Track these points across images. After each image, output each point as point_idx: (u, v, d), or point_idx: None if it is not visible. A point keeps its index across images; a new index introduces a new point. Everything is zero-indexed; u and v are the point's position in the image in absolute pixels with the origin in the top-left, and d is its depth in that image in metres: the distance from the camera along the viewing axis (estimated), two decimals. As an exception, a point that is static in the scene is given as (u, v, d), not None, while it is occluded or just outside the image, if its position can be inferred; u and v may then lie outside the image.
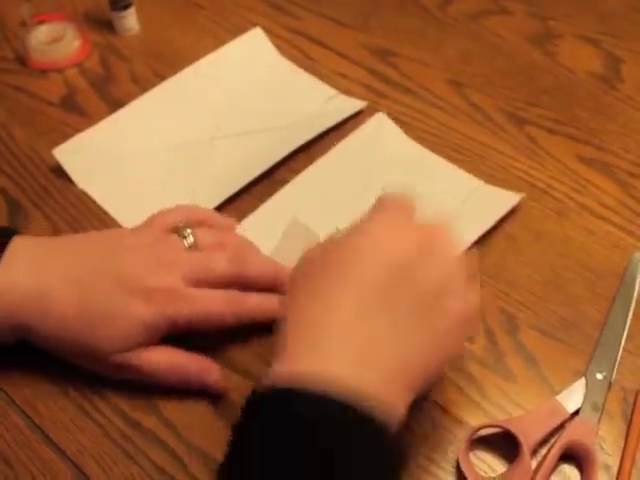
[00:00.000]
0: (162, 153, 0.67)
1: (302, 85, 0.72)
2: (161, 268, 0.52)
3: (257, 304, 0.54)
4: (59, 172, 0.65)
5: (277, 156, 0.65)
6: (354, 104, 0.70)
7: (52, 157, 0.66)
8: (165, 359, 0.52)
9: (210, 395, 0.52)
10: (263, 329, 0.54)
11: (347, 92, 0.71)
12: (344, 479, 0.39)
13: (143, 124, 0.69)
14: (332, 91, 0.72)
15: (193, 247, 0.54)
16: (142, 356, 0.51)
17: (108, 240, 0.55)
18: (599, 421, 0.50)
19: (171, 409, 0.52)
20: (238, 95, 0.72)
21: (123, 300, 0.51)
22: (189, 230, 0.54)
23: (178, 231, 0.54)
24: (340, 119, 0.68)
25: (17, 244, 0.53)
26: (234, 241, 0.57)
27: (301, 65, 0.74)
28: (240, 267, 0.54)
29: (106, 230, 0.59)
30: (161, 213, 0.57)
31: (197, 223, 0.56)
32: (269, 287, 0.55)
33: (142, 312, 0.51)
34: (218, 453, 0.50)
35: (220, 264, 0.54)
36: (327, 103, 0.71)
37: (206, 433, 0.51)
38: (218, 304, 0.52)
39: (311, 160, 0.66)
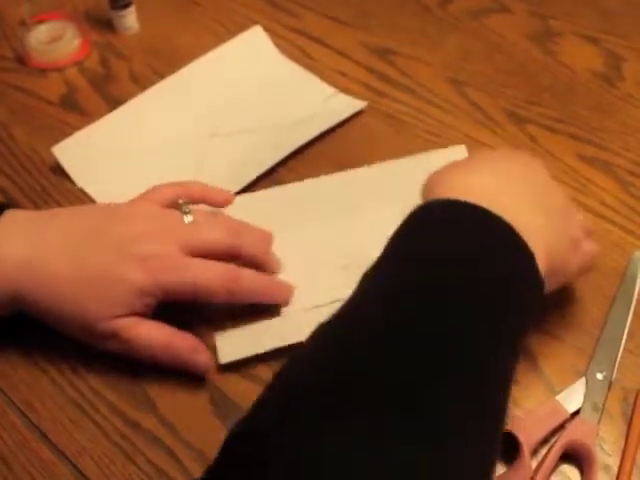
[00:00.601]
0: (161, 151, 0.67)
1: (301, 83, 0.72)
2: (158, 236, 0.52)
3: (251, 281, 0.54)
4: (58, 171, 0.65)
5: (278, 156, 0.65)
6: (354, 104, 0.70)
7: (51, 156, 0.66)
8: (156, 335, 0.52)
9: (207, 393, 0.52)
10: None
11: (346, 91, 0.71)
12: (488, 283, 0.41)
13: (142, 122, 0.69)
14: (331, 89, 0.71)
15: (192, 221, 0.54)
16: (133, 329, 0.51)
17: (103, 210, 0.56)
18: (599, 421, 0.50)
19: (170, 409, 0.52)
20: (237, 93, 0.72)
21: (117, 265, 0.51)
22: (190, 207, 0.55)
23: (179, 207, 0.55)
24: (341, 119, 0.68)
25: (9, 216, 0.53)
26: (231, 219, 0.57)
27: (300, 63, 0.74)
28: (236, 238, 0.54)
29: (100, 203, 0.58)
30: (158, 187, 0.56)
31: (194, 199, 0.56)
32: (263, 262, 0.55)
33: (136, 278, 0.50)
34: (216, 453, 0.50)
35: (217, 234, 0.54)
36: (327, 102, 0.71)
37: (205, 433, 0.51)
38: (213, 275, 0.52)
39: (309, 161, 0.65)
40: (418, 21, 0.78)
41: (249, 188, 0.64)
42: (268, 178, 0.64)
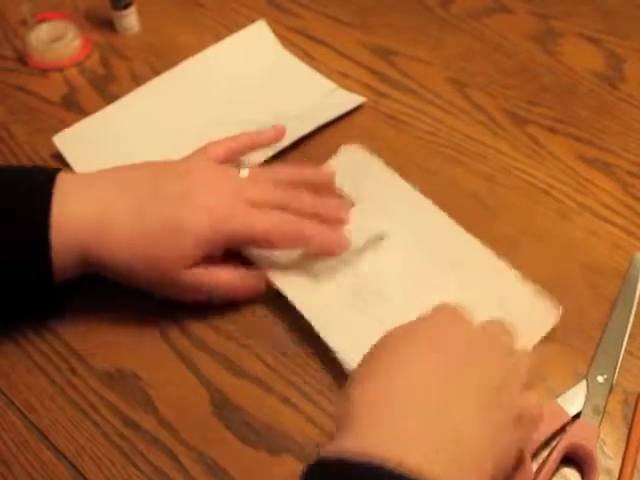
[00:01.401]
0: (161, 141, 0.67)
1: (303, 78, 0.73)
2: (217, 188, 0.54)
3: (316, 228, 0.56)
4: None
5: (275, 148, 0.65)
6: (354, 99, 0.70)
7: (52, 156, 0.66)
8: (234, 277, 0.55)
9: (207, 394, 0.52)
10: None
11: (347, 91, 0.71)
12: None
13: (143, 113, 0.70)
14: (332, 84, 0.72)
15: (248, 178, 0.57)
16: (214, 275, 0.54)
17: (161, 166, 0.57)
18: (600, 424, 0.50)
19: (169, 410, 0.52)
20: (239, 86, 0.72)
21: (182, 216, 0.52)
22: (245, 161, 0.57)
23: (234, 163, 0.57)
24: (340, 113, 0.68)
25: (66, 179, 0.53)
26: (285, 172, 0.59)
27: (301, 64, 0.74)
28: (294, 190, 0.57)
29: (156, 160, 0.58)
30: (210, 144, 0.59)
31: (247, 149, 0.60)
32: (324, 213, 0.57)
33: (201, 227, 0.52)
34: (216, 454, 0.50)
35: (273, 188, 0.57)
36: (327, 96, 0.71)
37: (204, 434, 0.51)
38: (276, 220, 0.55)
39: (307, 154, 0.66)
40: (419, 21, 0.78)
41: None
42: None
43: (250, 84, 0.72)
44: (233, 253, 0.56)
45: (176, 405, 0.52)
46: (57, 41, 0.74)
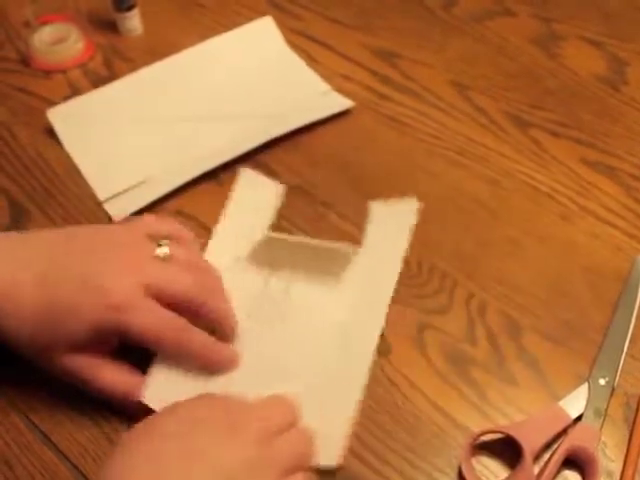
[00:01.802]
0: (150, 126, 0.69)
1: (298, 77, 0.73)
2: (126, 271, 0.51)
3: (198, 341, 0.51)
4: (62, 173, 0.65)
5: (256, 142, 0.66)
6: (342, 102, 0.70)
7: (55, 158, 0.66)
8: (115, 380, 0.50)
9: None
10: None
11: (349, 93, 0.71)
12: None
13: (138, 96, 0.71)
14: (326, 86, 0.72)
15: (167, 259, 0.52)
16: (93, 371, 0.50)
17: (76, 236, 0.54)
18: (602, 426, 0.50)
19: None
20: (235, 80, 0.73)
21: (78, 299, 0.49)
22: (167, 241, 0.53)
23: (156, 240, 0.53)
24: (326, 115, 0.69)
25: None
26: (205, 267, 0.55)
27: (304, 66, 0.74)
28: (202, 292, 0.52)
29: (84, 226, 0.58)
30: (145, 218, 0.56)
31: (171, 236, 0.54)
32: (221, 327, 0.53)
33: (92, 313, 0.49)
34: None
35: (185, 281, 0.52)
36: (317, 98, 0.71)
37: (207, 436, 0.51)
38: (163, 325, 0.50)
39: (310, 162, 0.66)
40: (421, 24, 0.78)
41: (233, 168, 0.65)
42: (251, 161, 0.65)
43: (246, 79, 0.73)
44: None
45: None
46: (60, 43, 0.75)
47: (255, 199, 0.62)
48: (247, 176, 0.64)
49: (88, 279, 0.50)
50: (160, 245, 0.52)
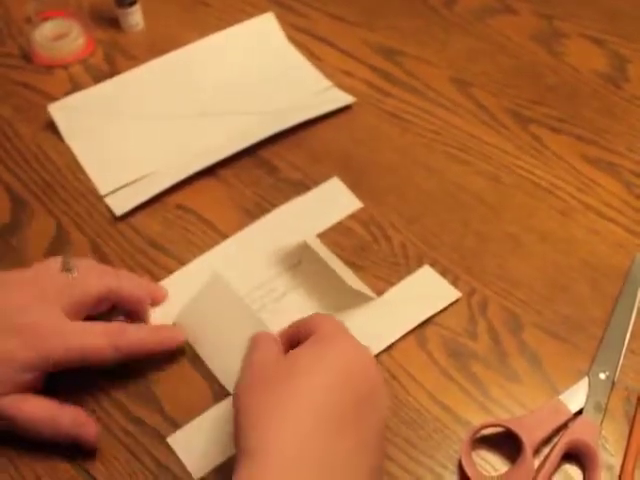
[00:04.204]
0: (151, 121, 0.69)
1: (299, 73, 0.73)
2: (39, 302, 0.50)
3: (136, 332, 0.52)
4: (64, 168, 0.66)
5: (257, 138, 0.66)
6: (344, 98, 0.70)
7: (56, 153, 0.66)
8: (39, 411, 0.49)
9: (211, 392, 0.52)
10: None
11: (351, 90, 0.71)
12: None
13: (140, 91, 0.71)
14: (328, 83, 0.72)
15: (71, 269, 0.52)
16: (15, 407, 0.48)
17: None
18: (602, 421, 0.50)
19: (174, 406, 0.52)
20: (236, 76, 0.73)
21: (11, 345, 0.48)
22: (72, 263, 0.53)
23: (63, 264, 0.52)
24: (327, 111, 0.69)
25: None
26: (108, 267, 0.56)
27: (306, 63, 0.74)
28: (114, 280, 0.53)
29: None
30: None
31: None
32: (142, 304, 0.55)
33: (16, 353, 0.48)
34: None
35: (95, 281, 0.52)
36: (318, 94, 0.71)
37: (208, 430, 0.51)
38: (96, 336, 0.50)
39: (312, 159, 0.66)
40: (423, 21, 0.78)
41: (232, 164, 0.65)
42: (253, 158, 0.66)
43: (247, 75, 0.73)
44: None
45: (181, 402, 0.52)
46: (61, 39, 0.75)
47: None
48: None
49: (5, 321, 0.49)
50: (67, 269, 0.52)
